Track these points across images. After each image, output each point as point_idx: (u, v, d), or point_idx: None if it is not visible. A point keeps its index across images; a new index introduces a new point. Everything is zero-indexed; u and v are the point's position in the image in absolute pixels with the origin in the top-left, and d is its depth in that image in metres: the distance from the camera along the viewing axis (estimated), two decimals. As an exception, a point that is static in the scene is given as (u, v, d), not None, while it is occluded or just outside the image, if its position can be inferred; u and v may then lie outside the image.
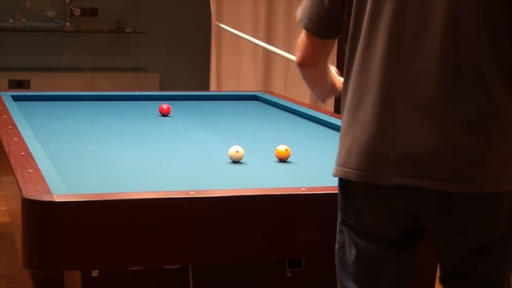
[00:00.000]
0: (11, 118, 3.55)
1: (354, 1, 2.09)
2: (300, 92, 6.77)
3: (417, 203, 2.05)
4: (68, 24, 7.62)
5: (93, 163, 2.93)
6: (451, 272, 2.16)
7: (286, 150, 3.01)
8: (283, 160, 3.01)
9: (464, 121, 1.99)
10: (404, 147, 2.01)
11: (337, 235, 2.21)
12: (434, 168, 2.00)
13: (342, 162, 2.11)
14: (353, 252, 2.16)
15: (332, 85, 2.49)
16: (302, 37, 2.27)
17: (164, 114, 3.99)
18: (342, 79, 2.28)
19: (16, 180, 2.47)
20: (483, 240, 2.08)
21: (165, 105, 4.01)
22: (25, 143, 3.00)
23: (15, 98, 4.22)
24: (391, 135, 2.03)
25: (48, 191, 2.35)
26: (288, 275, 2.74)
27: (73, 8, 7.57)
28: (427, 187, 2.01)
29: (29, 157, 2.78)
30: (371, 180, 2.05)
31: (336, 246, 2.22)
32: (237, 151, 2.96)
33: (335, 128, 3.53)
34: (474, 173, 2.00)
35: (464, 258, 2.11)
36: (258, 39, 6.75)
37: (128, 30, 7.82)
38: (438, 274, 2.24)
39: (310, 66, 2.32)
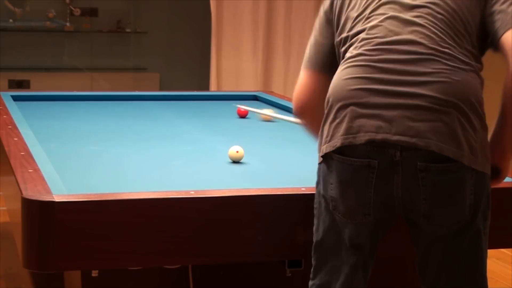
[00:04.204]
0: (11, 118, 3.55)
1: None
2: (300, 92, 6.77)
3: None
4: (68, 24, 7.61)
5: (93, 163, 2.93)
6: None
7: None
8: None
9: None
10: None
11: None
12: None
13: None
14: None
15: None
16: (298, 82, 2.45)
17: (242, 116, 3.97)
18: None
19: (16, 180, 2.47)
20: (449, 228, 2.17)
21: (242, 107, 3.96)
22: (25, 143, 3.00)
23: (15, 98, 4.22)
24: None
25: (48, 191, 2.35)
26: (288, 275, 2.74)
27: (73, 8, 7.57)
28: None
29: (29, 157, 2.78)
30: None
31: None
32: (237, 151, 2.96)
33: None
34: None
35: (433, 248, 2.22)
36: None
37: (128, 30, 7.81)
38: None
39: (307, 112, 2.46)
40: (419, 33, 2.17)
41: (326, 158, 2.24)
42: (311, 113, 2.45)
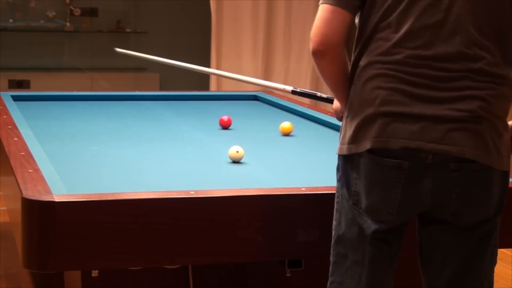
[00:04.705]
0: (11, 118, 3.55)
1: None
2: (300, 92, 6.77)
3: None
4: (68, 24, 7.62)
5: (93, 163, 2.93)
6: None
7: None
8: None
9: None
10: None
11: None
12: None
13: None
14: None
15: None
16: (320, 17, 2.21)
17: (225, 126, 3.76)
18: None
19: (16, 180, 2.47)
20: (470, 223, 2.22)
21: (225, 117, 3.80)
22: (25, 143, 3.00)
23: (15, 98, 4.22)
24: None
25: (48, 191, 2.35)
26: (288, 275, 2.74)
27: (73, 8, 7.57)
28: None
29: (29, 157, 2.78)
30: None
31: None
32: (237, 151, 2.96)
33: (335, 128, 3.53)
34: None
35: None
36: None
37: (128, 30, 7.82)
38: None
39: (328, 50, 2.22)
40: (453, 47, 2.13)
41: (350, 154, 2.23)
42: (333, 52, 2.22)
